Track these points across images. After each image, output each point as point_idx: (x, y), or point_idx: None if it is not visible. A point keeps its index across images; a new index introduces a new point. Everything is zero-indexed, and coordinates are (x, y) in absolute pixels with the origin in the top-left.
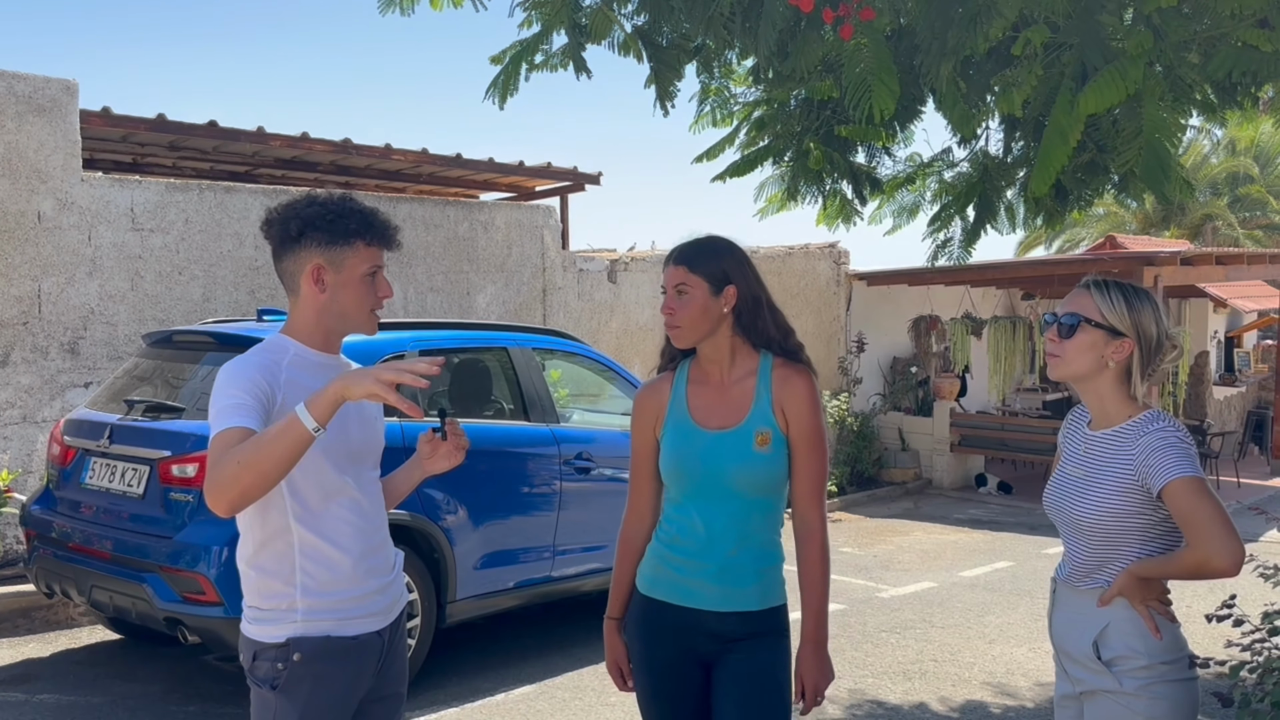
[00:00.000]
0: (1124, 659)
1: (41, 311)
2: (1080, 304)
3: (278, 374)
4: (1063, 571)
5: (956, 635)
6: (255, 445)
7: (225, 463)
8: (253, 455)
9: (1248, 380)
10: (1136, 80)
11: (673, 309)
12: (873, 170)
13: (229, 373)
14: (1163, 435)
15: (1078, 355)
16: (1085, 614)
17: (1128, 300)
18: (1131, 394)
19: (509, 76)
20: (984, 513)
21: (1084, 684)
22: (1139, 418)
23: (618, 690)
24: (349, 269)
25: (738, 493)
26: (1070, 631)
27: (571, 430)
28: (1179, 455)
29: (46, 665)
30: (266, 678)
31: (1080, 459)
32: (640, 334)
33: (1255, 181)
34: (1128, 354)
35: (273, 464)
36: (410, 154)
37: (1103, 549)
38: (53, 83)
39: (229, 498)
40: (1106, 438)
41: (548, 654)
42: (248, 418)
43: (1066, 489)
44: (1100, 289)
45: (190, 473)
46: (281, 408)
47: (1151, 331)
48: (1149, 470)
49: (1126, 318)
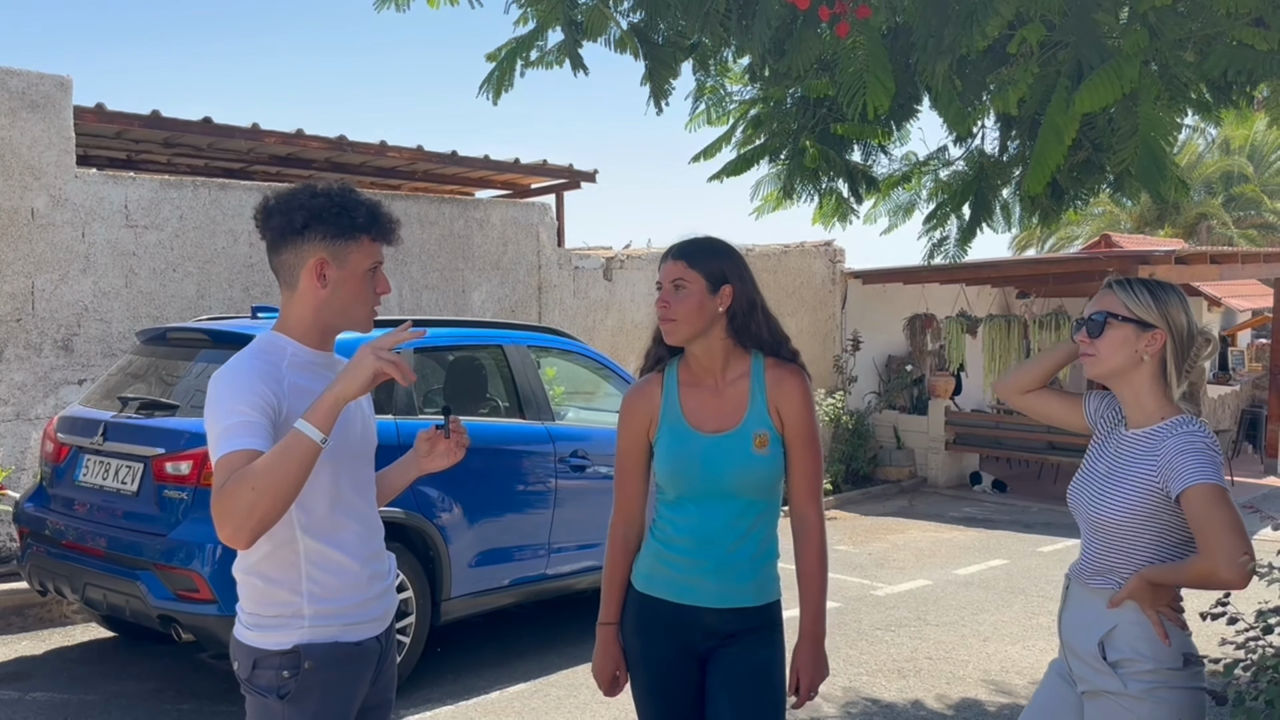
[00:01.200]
0: (1130, 662)
1: (35, 308)
2: (1106, 302)
3: (280, 379)
4: (1077, 568)
5: (951, 633)
6: (266, 469)
7: (238, 490)
8: (266, 480)
9: (1242, 379)
10: (1132, 79)
11: (668, 303)
12: (869, 169)
13: (229, 384)
14: (1189, 439)
15: (1112, 352)
16: (1094, 613)
17: (1153, 293)
18: (1168, 393)
19: (503, 73)
20: (979, 511)
21: (1088, 683)
22: (1171, 420)
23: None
24: (352, 264)
25: (737, 494)
26: (1079, 629)
27: (567, 428)
28: (1202, 461)
29: (40, 663)
30: (271, 686)
31: (1110, 457)
32: (636, 332)
33: (1250, 180)
34: (1161, 345)
35: (287, 484)
36: (405, 151)
37: (1118, 549)
38: (46, 79)
39: (250, 525)
40: (1138, 438)
41: (542, 652)
42: (255, 436)
43: (1089, 486)
44: (1123, 286)
45: (184, 470)
46: (288, 416)
47: (1181, 322)
48: (1170, 473)
49: (1154, 309)
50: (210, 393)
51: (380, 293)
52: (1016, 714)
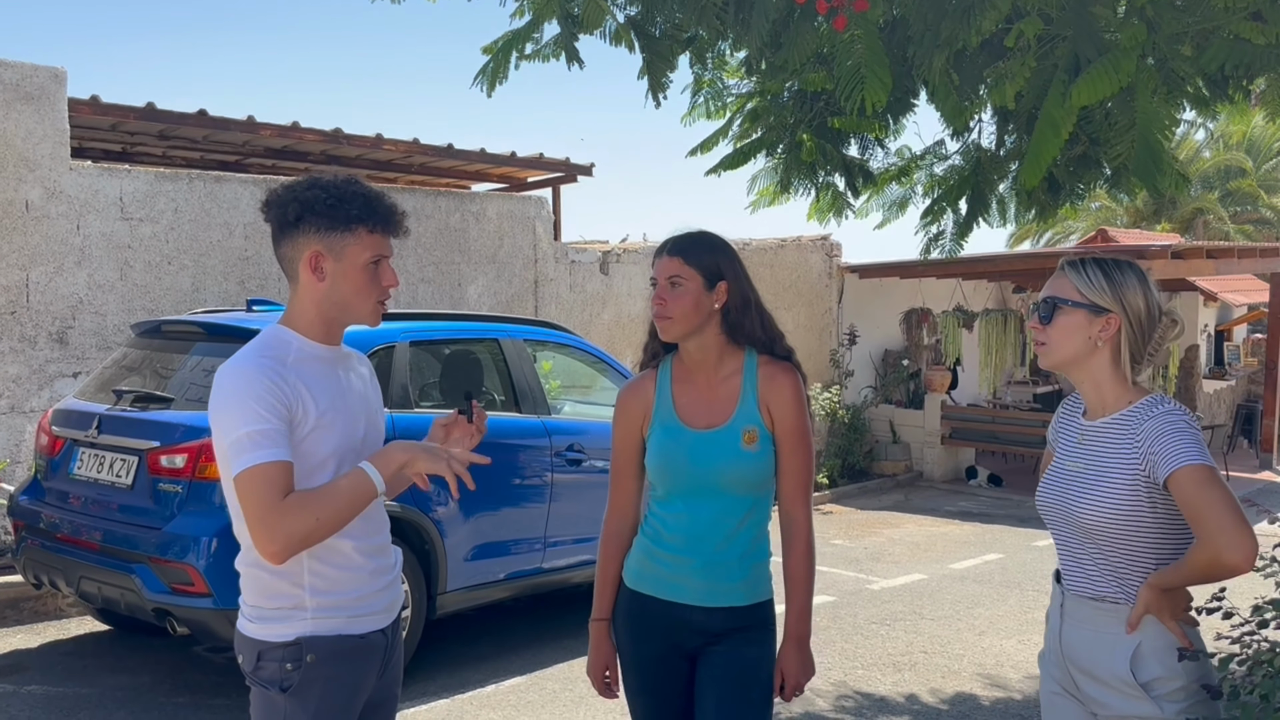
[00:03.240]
0: (1161, 681)
1: (29, 301)
2: (1057, 286)
3: (286, 377)
4: (1070, 582)
5: (946, 627)
6: (331, 504)
7: (301, 516)
8: (330, 514)
9: (1237, 374)
10: (1129, 72)
11: (664, 300)
12: (865, 163)
13: (239, 387)
14: (1169, 420)
15: (1063, 339)
16: (1110, 632)
17: (1107, 275)
18: (1126, 377)
19: (498, 65)
20: (974, 505)
21: (1109, 708)
22: (1140, 403)
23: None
24: (350, 257)
25: (725, 490)
26: (1094, 651)
27: (563, 422)
28: (1187, 441)
29: (35, 656)
30: (274, 679)
31: (1077, 452)
32: (632, 325)
33: (1248, 175)
34: (1115, 330)
35: (342, 521)
36: (401, 144)
37: (1114, 554)
38: (40, 70)
39: (296, 549)
40: (1104, 426)
41: (538, 646)
42: (278, 447)
43: (1065, 485)
44: (1076, 268)
45: (179, 463)
46: (302, 417)
47: (1139, 305)
48: (1154, 458)
49: (1108, 292)
50: (217, 391)
51: (386, 286)
52: (1011, 708)
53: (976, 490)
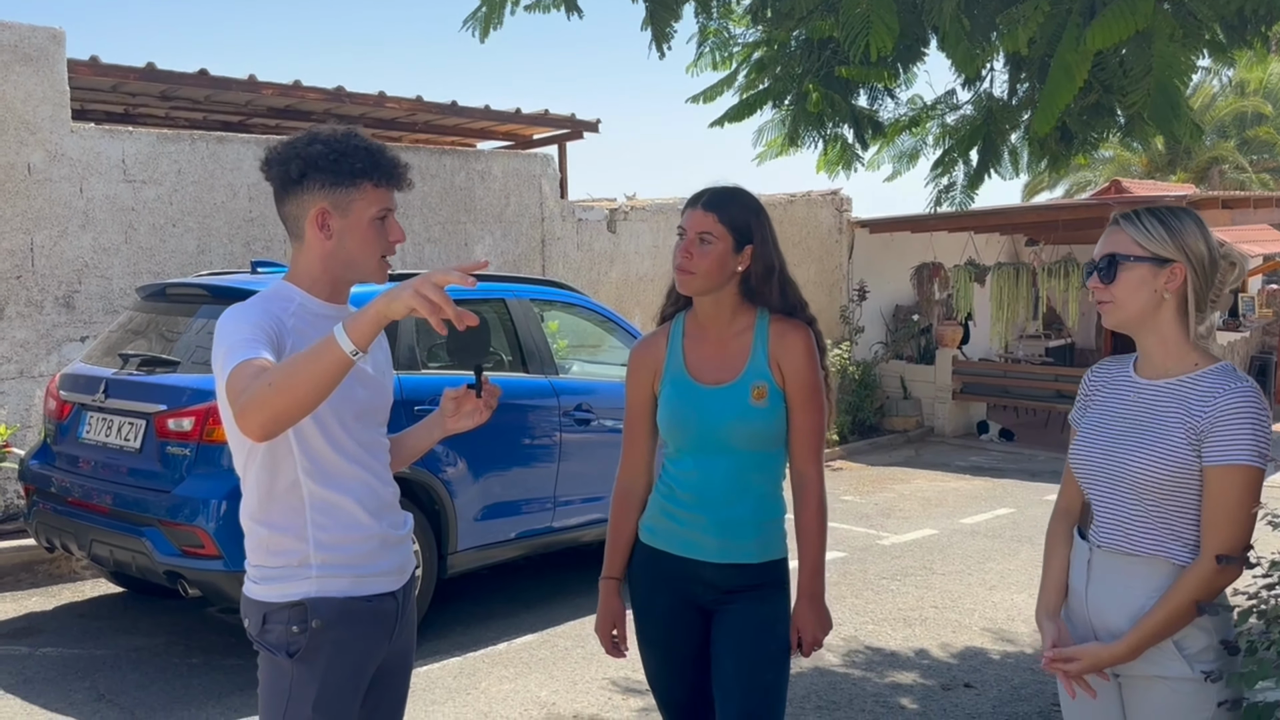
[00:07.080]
0: (1190, 638)
1: (35, 265)
2: (1114, 242)
3: (283, 320)
4: (1104, 537)
5: (957, 582)
6: (289, 368)
7: (254, 387)
8: (285, 379)
9: (1252, 325)
10: (1146, 15)
11: (690, 254)
12: (874, 113)
13: (234, 316)
14: (1243, 400)
15: (1129, 296)
16: (1142, 586)
17: (1165, 224)
18: (1191, 330)
19: (492, 9)
20: (985, 460)
21: (1133, 667)
22: (1211, 369)
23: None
24: (356, 212)
25: (735, 446)
26: (1120, 607)
27: (571, 381)
28: (1254, 438)
29: (49, 619)
30: (280, 643)
31: (1132, 408)
32: (640, 284)
33: (1267, 121)
34: (1181, 280)
35: (307, 389)
36: (405, 102)
37: (1168, 507)
38: (39, 31)
39: (260, 420)
40: (1167, 388)
41: (549, 604)
42: (265, 350)
43: (1113, 442)
44: (1132, 220)
45: (186, 426)
46: (290, 353)
47: (1201, 251)
48: (1217, 438)
49: (1169, 242)
50: (216, 333)
51: (393, 241)
52: (1021, 662)
53: (987, 445)
